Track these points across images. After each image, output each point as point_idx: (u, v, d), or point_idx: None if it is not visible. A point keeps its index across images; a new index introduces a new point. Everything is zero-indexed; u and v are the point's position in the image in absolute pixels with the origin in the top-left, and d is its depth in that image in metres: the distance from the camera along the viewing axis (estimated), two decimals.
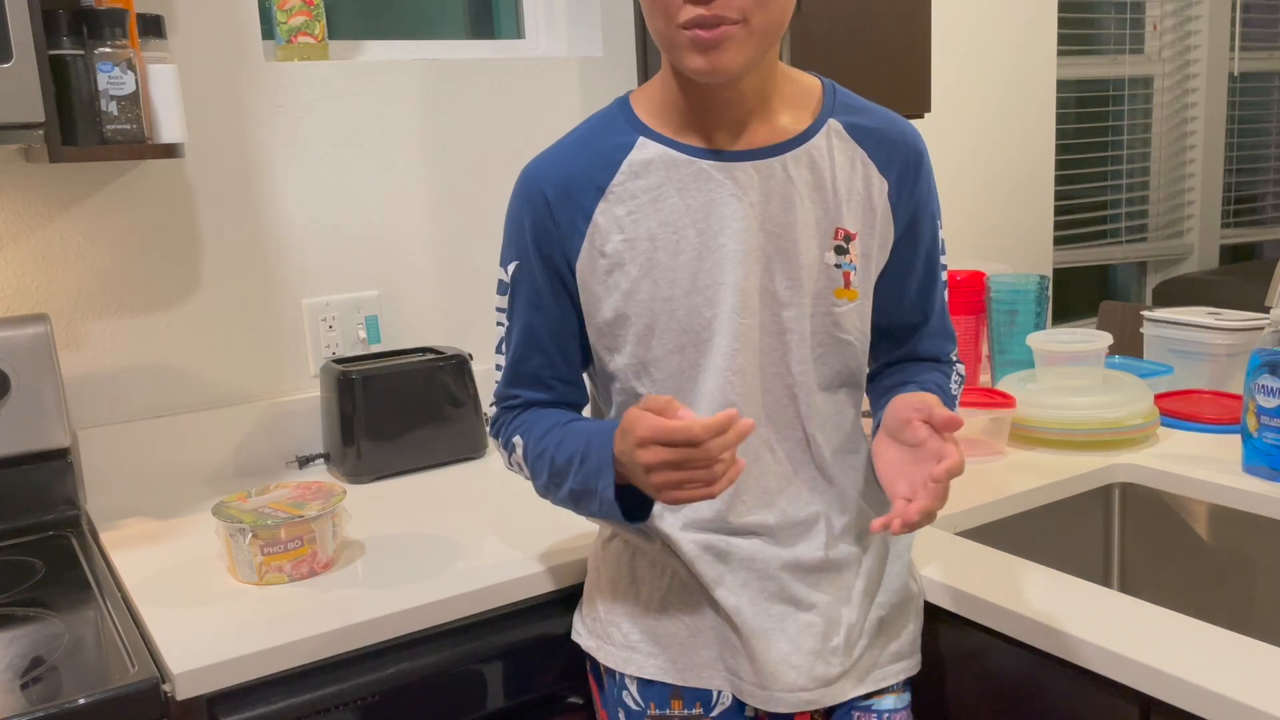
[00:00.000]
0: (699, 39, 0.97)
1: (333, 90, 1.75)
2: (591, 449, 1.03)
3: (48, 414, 1.47)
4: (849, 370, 1.13)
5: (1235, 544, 1.43)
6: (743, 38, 0.97)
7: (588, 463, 1.03)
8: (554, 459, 1.07)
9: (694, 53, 0.98)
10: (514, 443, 1.12)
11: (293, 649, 1.11)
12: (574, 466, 1.05)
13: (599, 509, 1.04)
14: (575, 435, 1.06)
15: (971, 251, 2.64)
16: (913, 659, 1.17)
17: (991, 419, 1.57)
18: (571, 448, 1.05)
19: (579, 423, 1.09)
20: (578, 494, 1.06)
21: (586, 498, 1.05)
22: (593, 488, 1.03)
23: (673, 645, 1.11)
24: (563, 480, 1.06)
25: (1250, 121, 3.55)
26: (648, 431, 0.93)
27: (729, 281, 1.06)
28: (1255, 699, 0.90)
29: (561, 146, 1.11)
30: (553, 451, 1.07)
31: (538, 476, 1.11)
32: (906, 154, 1.11)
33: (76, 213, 1.57)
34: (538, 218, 1.08)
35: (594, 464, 1.03)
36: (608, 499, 1.02)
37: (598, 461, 1.02)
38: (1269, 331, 1.40)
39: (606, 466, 1.01)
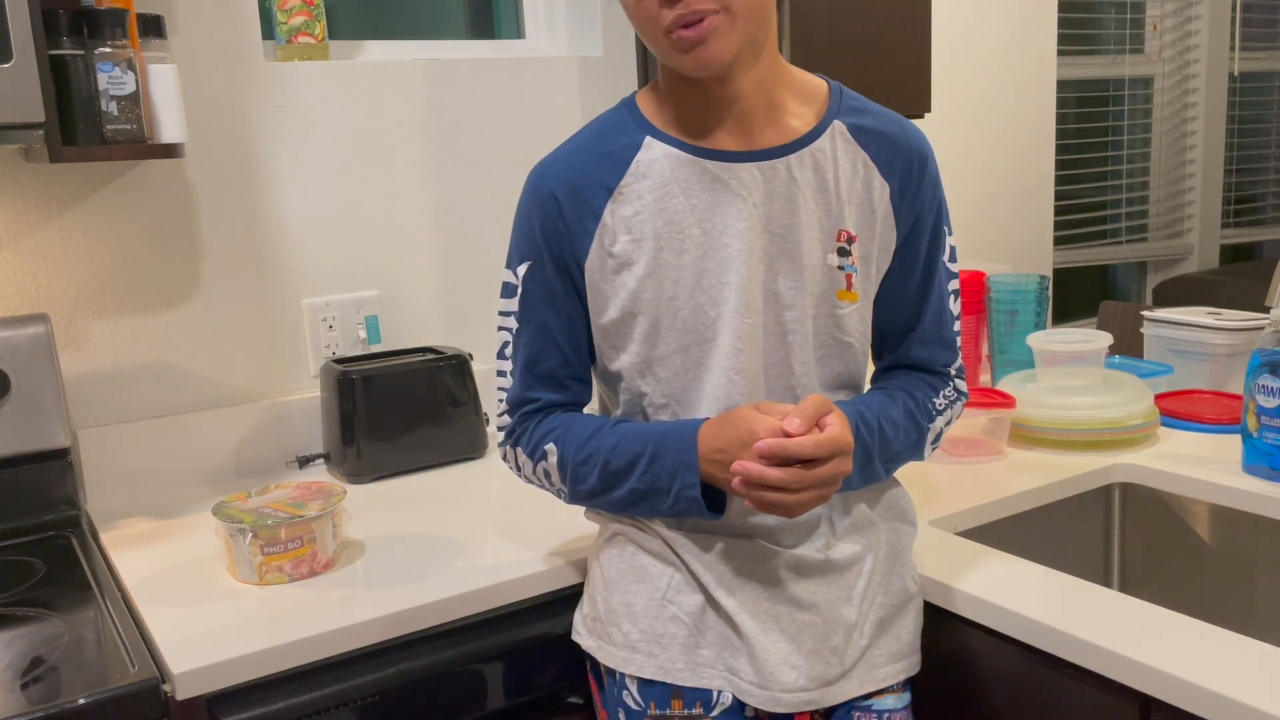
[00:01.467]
0: (684, 39, 0.98)
1: (333, 90, 1.75)
2: (664, 450, 1.06)
3: (48, 414, 1.47)
4: (850, 372, 1.13)
5: (1235, 544, 1.43)
6: (727, 26, 0.98)
7: (659, 462, 1.05)
8: (608, 461, 1.08)
9: (681, 53, 0.99)
10: (545, 450, 1.11)
11: (293, 649, 1.11)
12: (639, 468, 1.06)
13: (669, 506, 1.06)
14: (635, 438, 1.08)
15: (971, 251, 2.64)
16: (913, 659, 1.17)
17: (991, 419, 1.57)
18: (633, 450, 1.07)
19: (630, 425, 1.10)
20: (641, 493, 1.07)
21: (654, 496, 1.07)
22: (665, 486, 1.05)
23: (673, 645, 1.11)
24: (621, 482, 1.08)
25: (1250, 121, 3.55)
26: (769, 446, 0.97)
27: (733, 281, 1.06)
28: (1255, 699, 0.90)
29: (570, 147, 1.11)
30: (605, 454, 1.08)
31: (580, 482, 1.10)
32: (910, 157, 1.11)
33: (76, 213, 1.57)
34: (548, 218, 1.09)
35: (668, 464, 1.05)
36: (689, 497, 1.05)
37: (674, 462, 1.05)
38: (1269, 331, 1.40)
39: (687, 467, 1.04)
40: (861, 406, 1.10)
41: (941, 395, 1.17)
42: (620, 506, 1.11)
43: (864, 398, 1.14)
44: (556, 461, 1.11)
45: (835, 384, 1.13)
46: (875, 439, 1.09)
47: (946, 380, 1.19)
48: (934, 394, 1.17)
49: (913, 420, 1.14)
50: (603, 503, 1.12)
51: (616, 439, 1.08)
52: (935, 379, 1.19)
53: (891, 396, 1.14)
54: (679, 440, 1.05)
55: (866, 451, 1.08)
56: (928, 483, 1.49)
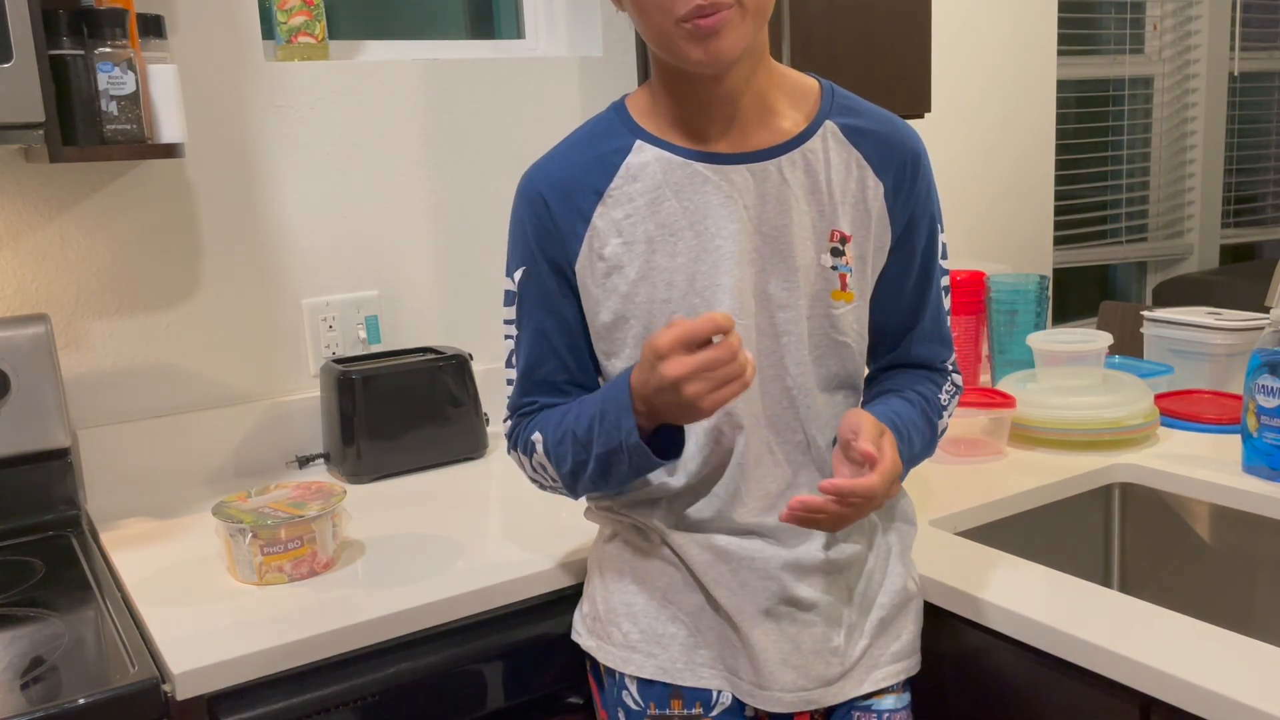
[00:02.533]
0: (700, 28, 0.97)
1: (333, 90, 1.75)
2: (607, 402, 1.03)
3: (48, 414, 1.47)
4: (847, 372, 1.13)
5: (1235, 544, 1.43)
6: (739, 21, 0.98)
7: (607, 418, 1.02)
8: (574, 433, 1.05)
9: (694, 43, 0.98)
10: (533, 441, 1.11)
11: (293, 649, 1.11)
12: (595, 430, 1.03)
13: (629, 462, 1.03)
14: (589, 401, 1.06)
15: (971, 251, 2.64)
16: (913, 659, 1.17)
17: (991, 419, 1.57)
18: (589, 413, 1.04)
19: (590, 394, 1.09)
20: (604, 457, 1.03)
21: (614, 457, 1.03)
22: (617, 442, 1.01)
23: (673, 645, 1.11)
24: (588, 451, 1.04)
25: (1250, 121, 3.55)
26: (668, 341, 0.94)
27: (725, 283, 1.06)
28: (1255, 699, 0.90)
29: (559, 151, 1.11)
30: (572, 426, 1.06)
31: (563, 463, 1.08)
32: (904, 156, 1.11)
33: (76, 213, 1.57)
34: (539, 221, 1.09)
35: (613, 415, 1.01)
36: (632, 443, 1.00)
37: (615, 411, 1.01)
38: (1269, 331, 1.40)
39: (625, 410, 1.00)
40: (893, 416, 1.09)
41: (944, 391, 1.19)
42: (600, 481, 1.07)
43: (891, 405, 1.12)
44: (543, 450, 1.10)
45: (832, 384, 1.13)
46: (906, 446, 1.09)
47: (946, 375, 1.20)
48: (938, 390, 1.18)
49: (928, 420, 1.15)
50: (588, 482, 1.09)
51: (579, 410, 1.07)
52: (936, 375, 1.20)
53: (910, 401, 1.14)
54: (616, 388, 1.02)
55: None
56: (928, 483, 1.49)
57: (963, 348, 1.87)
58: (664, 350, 0.94)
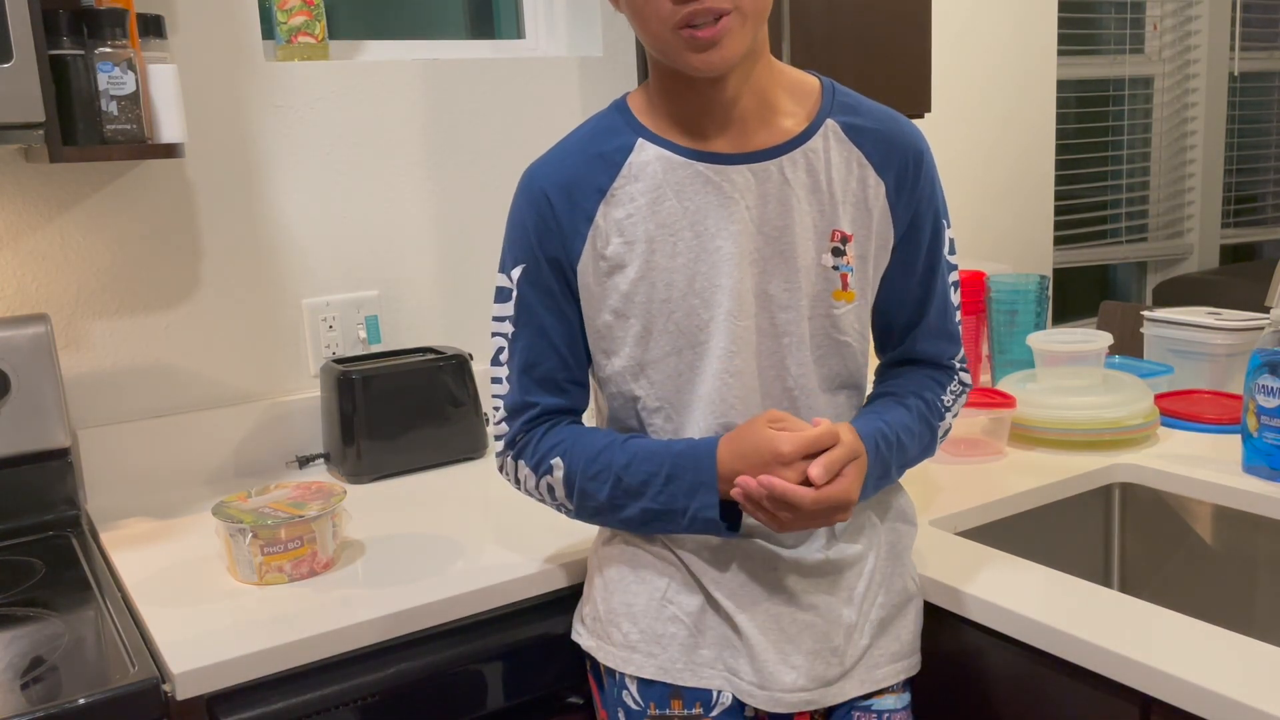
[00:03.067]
0: (697, 38, 0.97)
1: (333, 90, 1.75)
2: (682, 469, 1.04)
3: (48, 414, 1.47)
4: (849, 372, 1.13)
5: (1235, 544, 1.43)
6: (738, 27, 0.98)
7: (676, 481, 1.04)
8: (620, 478, 1.06)
9: (692, 51, 0.98)
10: (551, 464, 1.10)
11: (293, 649, 1.11)
12: (653, 487, 1.05)
13: (685, 526, 1.06)
14: (649, 456, 1.06)
15: (971, 251, 2.64)
16: (913, 659, 1.17)
17: (991, 419, 1.57)
18: (648, 468, 1.05)
19: (642, 441, 1.09)
20: (655, 513, 1.06)
21: (667, 516, 1.06)
22: (681, 507, 1.04)
23: (673, 645, 1.11)
24: (633, 500, 1.06)
25: (1250, 121, 3.55)
26: (793, 447, 0.98)
27: (725, 284, 1.06)
28: (1255, 699, 0.90)
29: (562, 149, 1.11)
30: (618, 471, 1.06)
31: (588, 499, 1.09)
32: (906, 154, 1.11)
33: (76, 213, 1.57)
34: (541, 219, 1.08)
35: (685, 484, 1.04)
36: (706, 518, 1.04)
37: (692, 482, 1.04)
38: (1269, 331, 1.40)
39: (706, 488, 1.03)
40: (882, 423, 1.09)
41: (948, 391, 1.18)
42: (628, 525, 1.10)
43: (883, 410, 1.12)
44: (563, 476, 1.10)
45: (834, 384, 1.13)
46: (894, 452, 1.10)
47: (952, 374, 1.20)
48: (942, 391, 1.18)
49: (926, 424, 1.15)
50: (608, 520, 1.11)
51: (629, 456, 1.07)
52: (941, 373, 1.19)
53: (906, 404, 1.14)
54: (696, 460, 1.04)
55: (885, 466, 1.09)
56: (928, 483, 1.49)
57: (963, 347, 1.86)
58: (788, 456, 0.98)
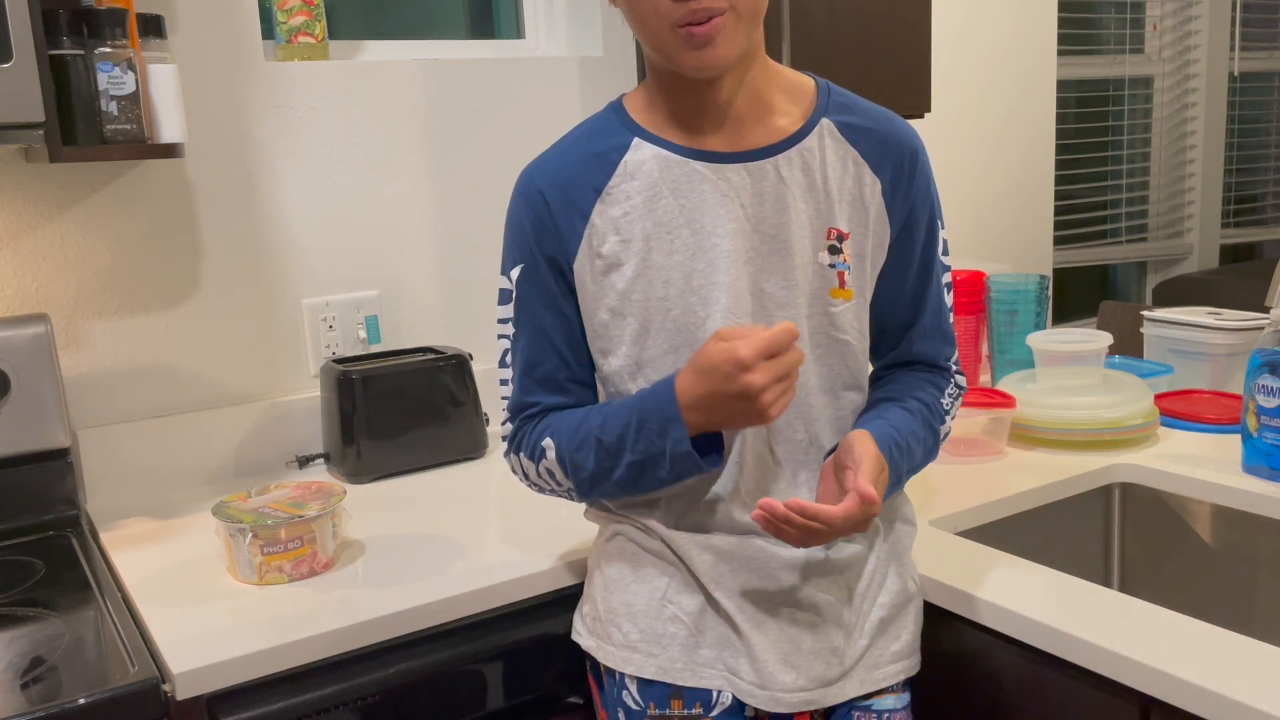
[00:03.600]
0: (693, 35, 0.97)
1: (333, 90, 1.75)
2: (649, 412, 1.03)
3: (48, 414, 1.47)
4: (849, 371, 1.13)
5: (1235, 544, 1.43)
6: (733, 26, 0.98)
7: (647, 426, 1.03)
8: (600, 439, 1.06)
9: (688, 50, 0.99)
10: (543, 446, 1.10)
11: (293, 649, 1.11)
12: (629, 438, 1.04)
13: (669, 470, 1.04)
14: (621, 409, 1.06)
15: (971, 251, 2.64)
16: (913, 659, 1.17)
17: (991, 419, 1.57)
18: (621, 420, 1.05)
19: (618, 401, 1.09)
20: (638, 465, 1.05)
21: (651, 464, 1.04)
22: (658, 450, 1.03)
23: (673, 645, 1.11)
24: (617, 458, 1.05)
25: (1250, 121, 3.55)
26: (752, 352, 0.95)
27: (721, 282, 1.06)
28: (1255, 699, 0.90)
29: (558, 149, 1.11)
30: (596, 433, 1.06)
31: (580, 470, 1.08)
32: (901, 153, 1.11)
33: (76, 213, 1.57)
34: (538, 219, 1.09)
35: (655, 425, 1.02)
36: (682, 451, 1.02)
37: (659, 420, 1.02)
38: (1269, 331, 1.40)
39: (673, 421, 1.01)
40: (891, 429, 1.09)
41: (946, 394, 1.19)
42: (625, 485, 1.08)
43: (891, 417, 1.12)
44: (555, 456, 1.10)
45: (834, 384, 1.13)
46: (904, 457, 1.10)
47: (948, 376, 1.20)
48: (940, 394, 1.18)
49: (929, 428, 1.15)
50: (608, 487, 1.10)
51: (604, 416, 1.07)
52: (938, 375, 1.19)
53: (908, 408, 1.13)
54: (658, 398, 1.03)
55: (898, 473, 1.09)
56: (928, 483, 1.49)
57: (963, 348, 1.87)
58: (749, 360, 0.95)
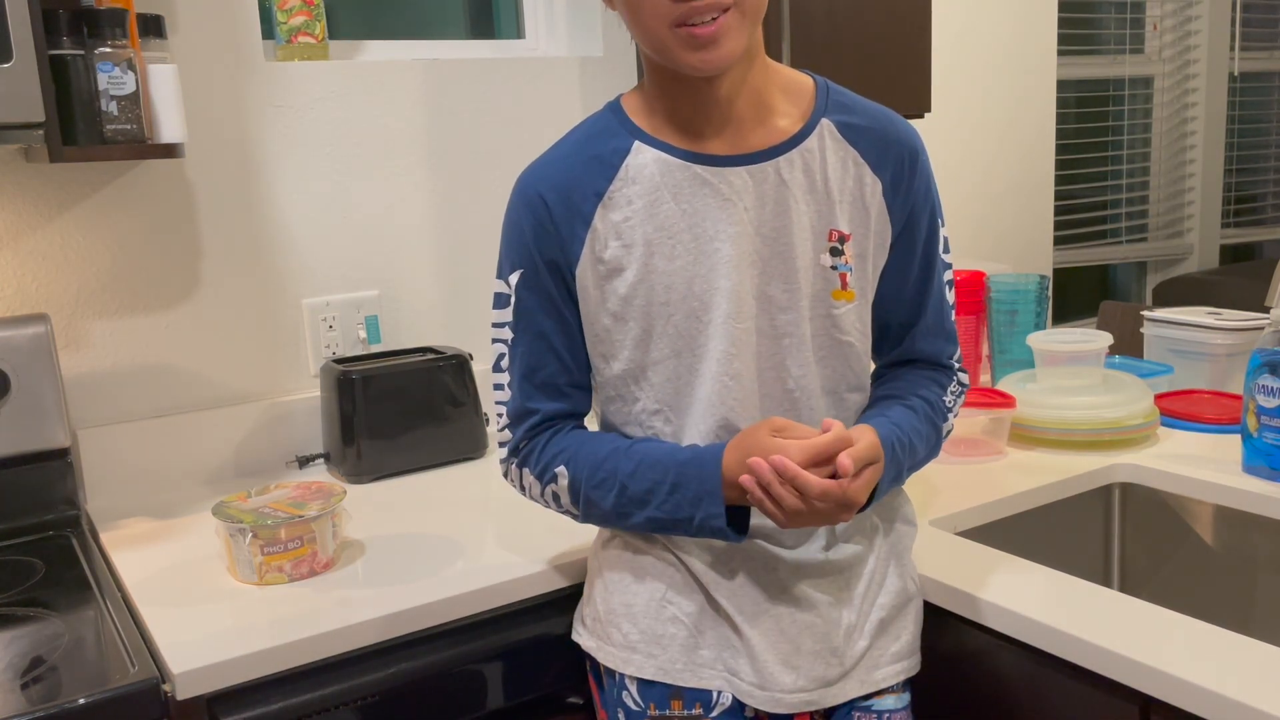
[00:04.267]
0: (696, 36, 0.97)
1: (333, 90, 1.75)
2: (687, 478, 1.04)
3: (48, 414, 1.47)
4: (852, 372, 1.13)
5: (1235, 544, 1.43)
6: (736, 24, 0.98)
7: (681, 490, 1.04)
8: (625, 486, 1.06)
9: (690, 49, 0.98)
10: (556, 472, 1.10)
11: (293, 649, 1.11)
12: (659, 495, 1.05)
13: (693, 533, 1.06)
14: (654, 464, 1.06)
15: (971, 251, 2.64)
16: (913, 659, 1.17)
17: (991, 419, 1.57)
18: (653, 476, 1.05)
19: (647, 446, 1.08)
20: (661, 521, 1.06)
21: (674, 525, 1.06)
22: (687, 515, 1.04)
23: (673, 645, 1.11)
24: (639, 508, 1.06)
25: (1250, 121, 3.55)
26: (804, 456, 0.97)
27: (723, 286, 1.06)
28: (1255, 699, 0.90)
29: (558, 152, 1.10)
30: (623, 479, 1.06)
31: (593, 506, 1.09)
32: (901, 152, 1.11)
33: (76, 213, 1.57)
34: (539, 223, 1.08)
35: (691, 493, 1.04)
36: (714, 526, 1.04)
37: (697, 491, 1.04)
38: (1269, 331, 1.40)
39: (711, 497, 1.03)
40: (893, 425, 1.09)
41: (949, 392, 1.18)
42: (635, 530, 1.10)
43: (891, 412, 1.12)
44: (568, 484, 1.10)
45: (837, 385, 1.13)
46: (906, 454, 1.10)
47: (951, 374, 1.20)
48: (943, 392, 1.18)
49: (932, 425, 1.15)
50: (615, 525, 1.11)
51: (634, 465, 1.06)
52: (940, 374, 1.19)
53: (910, 405, 1.13)
54: (701, 468, 1.04)
55: (898, 468, 1.09)
56: (928, 483, 1.49)
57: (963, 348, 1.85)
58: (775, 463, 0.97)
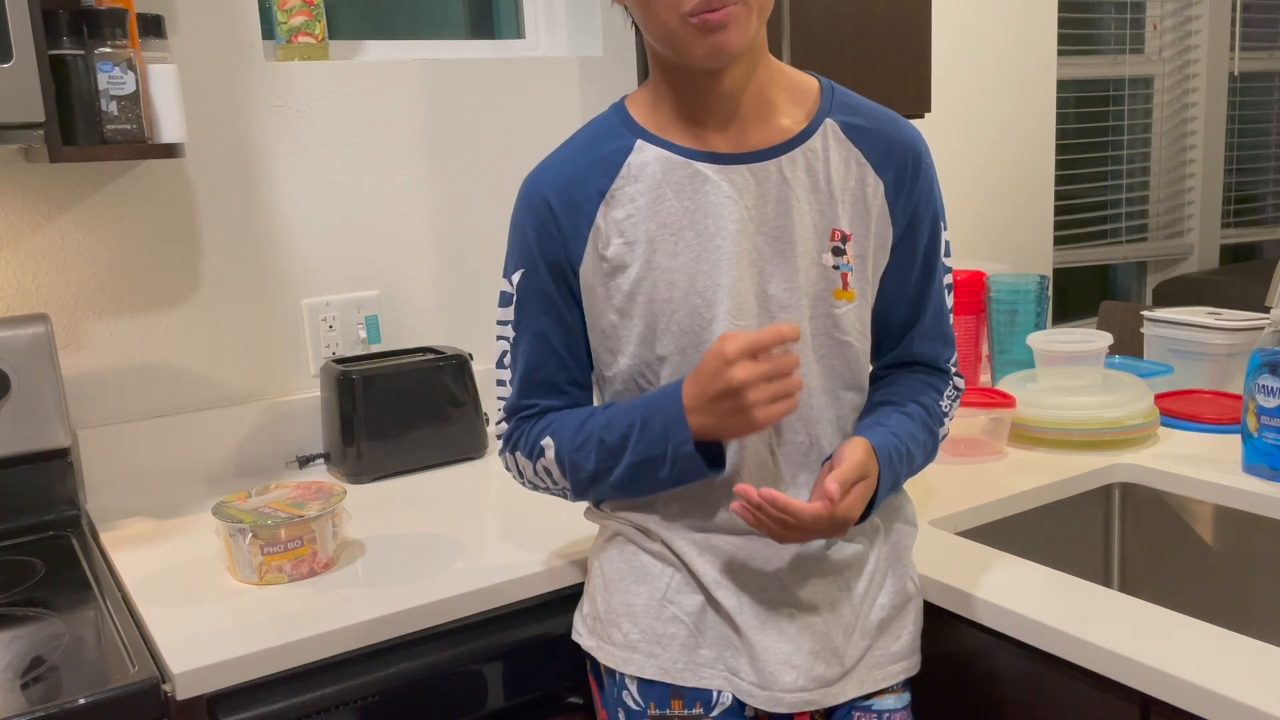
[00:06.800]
0: (707, 22, 0.98)
1: (333, 90, 1.75)
2: (653, 413, 1.04)
3: (48, 414, 1.47)
4: (851, 371, 1.13)
5: (1235, 544, 1.43)
6: (744, 16, 0.99)
7: (649, 427, 1.04)
8: (603, 439, 1.07)
9: (700, 37, 0.99)
10: (542, 445, 1.11)
11: (293, 649, 1.11)
12: (632, 439, 1.05)
13: (669, 471, 1.05)
14: (625, 411, 1.07)
15: (971, 251, 2.64)
16: (913, 659, 1.17)
17: (991, 419, 1.57)
18: (625, 421, 1.06)
19: (621, 403, 1.09)
20: (639, 465, 1.05)
21: (651, 465, 1.05)
22: (660, 451, 1.04)
23: (673, 645, 1.11)
24: (618, 459, 1.06)
25: (1250, 121, 3.55)
26: (736, 348, 0.97)
27: (724, 284, 1.06)
28: (1255, 699, 0.90)
29: (562, 154, 1.11)
30: (599, 433, 1.07)
31: (579, 470, 1.09)
32: (904, 154, 1.11)
33: (76, 213, 1.57)
34: (542, 224, 1.09)
35: (658, 426, 1.03)
36: (685, 452, 1.03)
37: (664, 422, 1.03)
38: (1269, 331, 1.40)
39: (677, 423, 1.02)
40: (891, 435, 1.09)
41: (945, 397, 1.19)
42: (623, 487, 1.09)
43: (888, 420, 1.12)
44: (554, 455, 1.10)
45: (836, 384, 1.13)
46: (903, 463, 1.10)
47: (947, 379, 1.20)
48: (940, 397, 1.18)
49: (929, 431, 1.15)
50: (604, 489, 1.10)
51: (608, 416, 1.08)
52: (937, 378, 1.19)
53: (907, 412, 1.13)
54: (664, 399, 1.04)
55: (896, 477, 1.09)
56: (928, 483, 1.49)
57: (963, 348, 1.87)
58: (732, 355, 0.97)
